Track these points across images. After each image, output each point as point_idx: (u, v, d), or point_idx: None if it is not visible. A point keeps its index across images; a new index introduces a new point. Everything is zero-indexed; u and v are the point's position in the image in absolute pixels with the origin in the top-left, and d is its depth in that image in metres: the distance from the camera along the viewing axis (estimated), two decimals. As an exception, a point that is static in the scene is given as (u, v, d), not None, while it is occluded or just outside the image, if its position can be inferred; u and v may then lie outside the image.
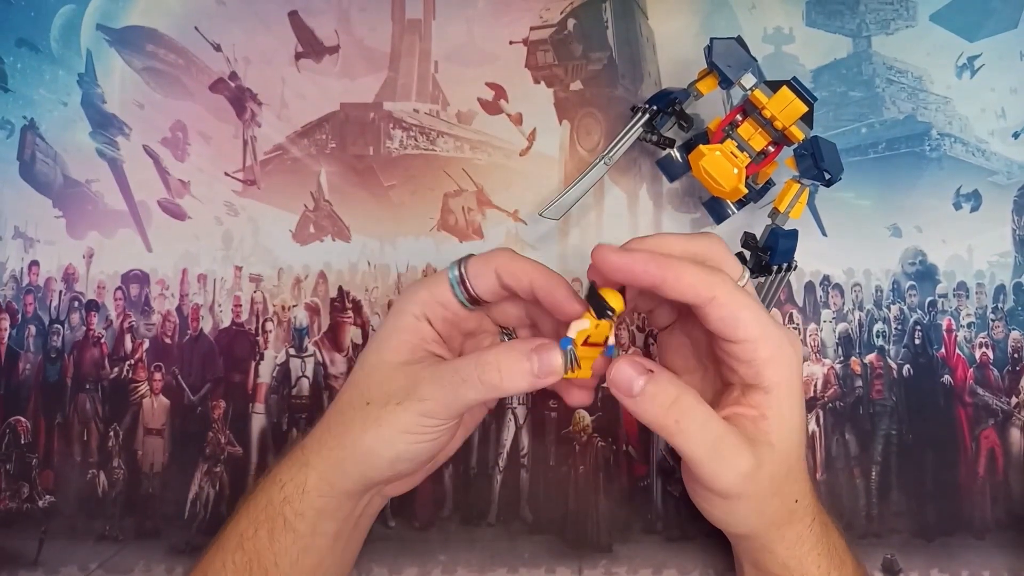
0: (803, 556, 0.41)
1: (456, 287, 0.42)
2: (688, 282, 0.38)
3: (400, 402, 0.40)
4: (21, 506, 0.52)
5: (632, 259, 0.38)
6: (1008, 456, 0.52)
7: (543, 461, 0.52)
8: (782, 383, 0.39)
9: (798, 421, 0.40)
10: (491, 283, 0.42)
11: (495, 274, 0.42)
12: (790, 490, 0.41)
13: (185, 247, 0.54)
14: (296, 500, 0.41)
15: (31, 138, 0.55)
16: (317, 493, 0.42)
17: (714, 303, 0.38)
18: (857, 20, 0.56)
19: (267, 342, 0.53)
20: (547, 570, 0.51)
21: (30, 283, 0.54)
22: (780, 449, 0.39)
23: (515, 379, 0.38)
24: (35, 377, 0.53)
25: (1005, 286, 0.54)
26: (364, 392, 0.42)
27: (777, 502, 0.40)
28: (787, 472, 0.40)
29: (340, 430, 0.42)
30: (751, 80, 0.45)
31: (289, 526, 0.41)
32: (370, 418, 0.41)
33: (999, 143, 0.55)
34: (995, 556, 0.51)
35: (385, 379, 0.41)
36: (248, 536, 0.41)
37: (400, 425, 0.40)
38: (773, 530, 0.41)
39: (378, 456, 0.41)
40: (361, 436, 0.41)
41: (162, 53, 0.56)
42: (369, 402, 0.41)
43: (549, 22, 0.56)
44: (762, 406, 0.39)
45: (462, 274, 0.42)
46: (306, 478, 0.42)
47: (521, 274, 0.41)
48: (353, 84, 0.56)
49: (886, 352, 0.53)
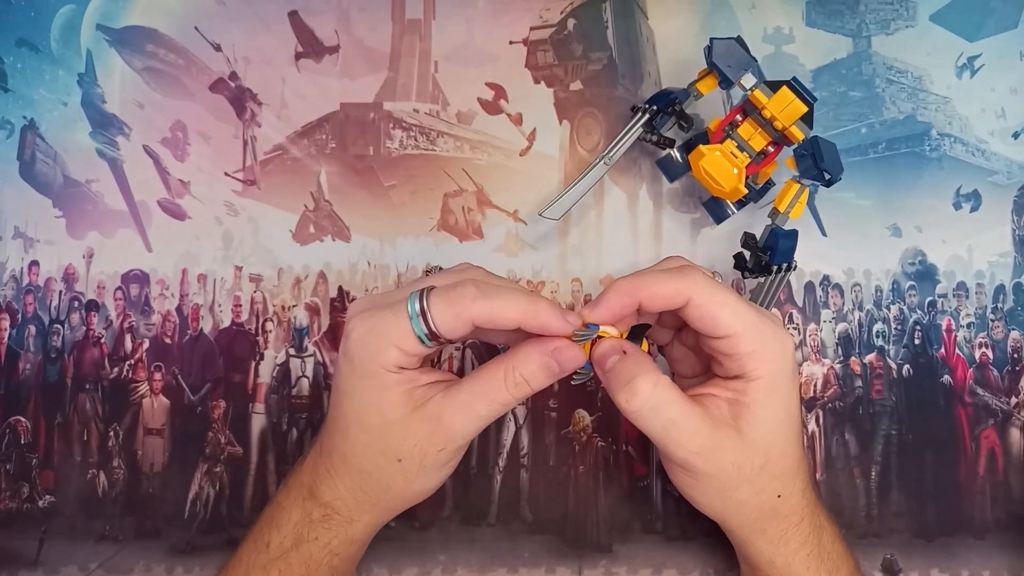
0: (789, 554, 0.42)
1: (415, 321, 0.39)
2: (662, 292, 0.39)
3: (441, 448, 0.41)
4: (21, 506, 0.52)
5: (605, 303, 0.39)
6: (1008, 456, 0.52)
7: (543, 461, 0.52)
8: (766, 376, 0.40)
9: (781, 415, 0.40)
10: (463, 328, 0.39)
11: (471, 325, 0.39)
12: (767, 484, 0.41)
13: (185, 247, 0.54)
14: (343, 551, 0.43)
15: (31, 138, 0.55)
16: (365, 538, 0.44)
17: (691, 305, 0.39)
18: (857, 20, 0.56)
19: (267, 342, 0.53)
20: (547, 570, 0.51)
21: (30, 283, 0.54)
22: (751, 439, 0.40)
23: (542, 384, 0.40)
24: (35, 377, 0.53)
25: (1005, 286, 0.54)
26: (387, 452, 0.41)
27: (747, 491, 0.40)
28: (762, 464, 0.40)
29: (379, 488, 0.42)
30: (751, 80, 0.45)
31: (334, 570, 0.43)
32: (412, 472, 0.41)
33: (999, 143, 0.55)
34: (995, 556, 0.51)
35: (405, 435, 0.40)
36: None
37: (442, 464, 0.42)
38: (750, 522, 0.42)
39: (427, 493, 0.43)
40: (408, 488, 0.42)
41: (162, 53, 0.56)
42: (401, 459, 0.41)
43: (549, 22, 0.56)
44: (740, 393, 0.40)
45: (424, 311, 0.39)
46: (354, 533, 0.43)
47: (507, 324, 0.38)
48: (353, 84, 0.56)
49: (886, 352, 0.53)
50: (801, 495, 0.42)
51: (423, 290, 0.39)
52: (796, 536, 0.42)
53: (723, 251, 0.53)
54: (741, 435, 0.39)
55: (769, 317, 0.41)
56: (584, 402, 0.52)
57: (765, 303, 0.48)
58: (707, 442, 0.39)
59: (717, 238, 0.54)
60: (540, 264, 0.54)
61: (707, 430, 0.39)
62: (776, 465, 0.41)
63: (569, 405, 0.52)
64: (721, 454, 0.39)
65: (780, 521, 0.42)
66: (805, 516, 0.42)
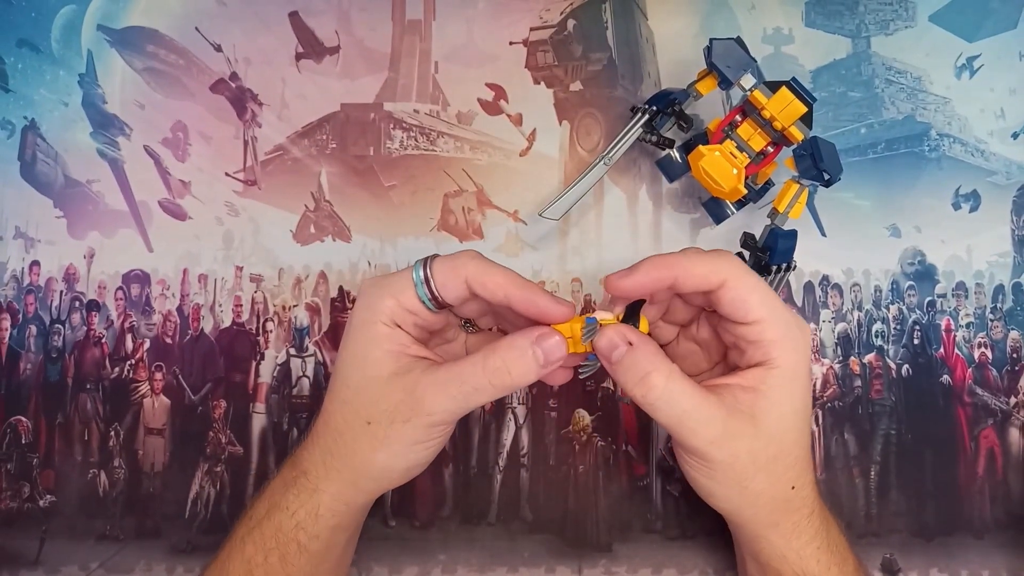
0: (801, 548, 0.41)
1: (420, 288, 0.41)
2: (699, 271, 0.39)
3: (407, 420, 0.40)
4: (22, 506, 0.52)
5: (639, 274, 0.40)
6: (1007, 456, 0.52)
7: (543, 461, 0.52)
8: (787, 365, 0.40)
9: (798, 405, 0.40)
10: (460, 291, 0.41)
11: (465, 285, 0.41)
12: (782, 473, 0.40)
13: (186, 247, 0.55)
14: (310, 525, 0.42)
15: (32, 138, 0.56)
16: (331, 514, 0.42)
17: (725, 287, 0.39)
18: (856, 21, 0.56)
19: (268, 342, 0.53)
20: (547, 569, 0.51)
21: (31, 283, 0.54)
22: (766, 427, 0.39)
23: (525, 374, 0.39)
24: (36, 377, 0.53)
25: (1004, 286, 0.54)
26: (360, 412, 0.41)
27: (763, 481, 0.40)
28: (776, 453, 0.40)
29: (345, 452, 0.41)
30: (750, 81, 0.46)
31: (303, 549, 0.42)
32: (377, 438, 0.40)
33: (998, 143, 0.55)
34: (994, 555, 0.51)
35: (379, 396, 0.40)
36: (258, 563, 0.41)
37: (410, 439, 0.40)
38: (765, 514, 0.41)
39: (392, 470, 0.42)
40: (372, 456, 0.41)
41: (163, 53, 0.56)
42: (370, 422, 0.40)
43: (549, 23, 0.56)
44: (759, 382, 0.40)
45: (428, 277, 0.41)
46: (318, 504, 0.42)
47: (495, 288, 0.40)
48: (353, 84, 0.56)
49: (885, 352, 0.53)
50: (812, 488, 0.42)
51: (428, 257, 0.41)
52: (808, 529, 0.41)
53: (723, 251, 0.53)
54: (756, 423, 0.39)
55: (791, 308, 0.41)
56: (584, 402, 0.53)
57: None
58: (722, 430, 0.39)
59: (716, 238, 0.54)
60: (540, 264, 0.54)
61: (721, 418, 0.39)
62: (789, 455, 0.40)
63: (569, 405, 0.53)
64: (736, 442, 0.39)
65: (793, 513, 0.41)
66: (815, 509, 0.42)
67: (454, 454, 0.52)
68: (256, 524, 0.42)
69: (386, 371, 0.41)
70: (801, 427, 0.41)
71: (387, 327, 0.41)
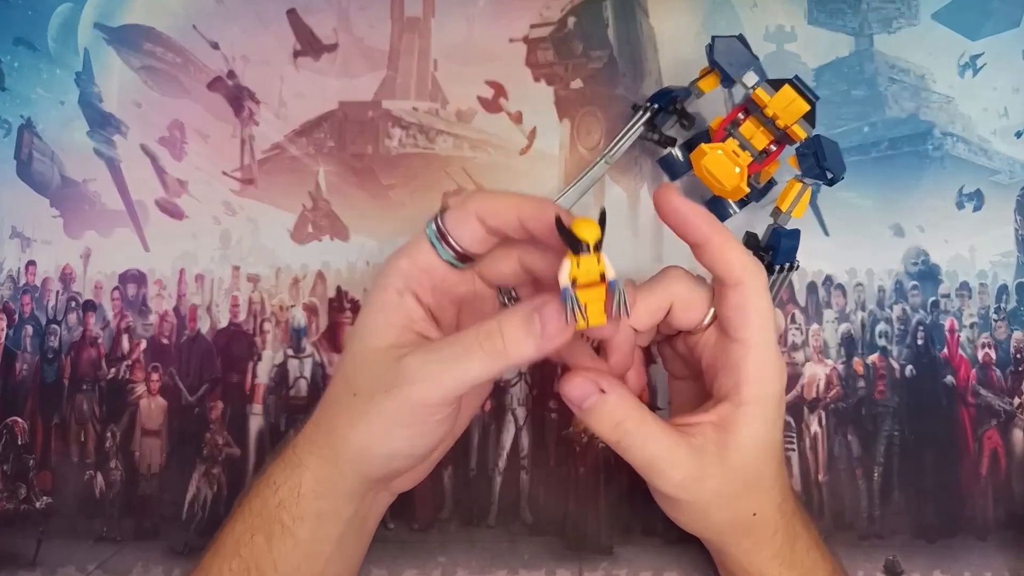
0: (761, 563, 0.42)
1: (437, 244, 0.38)
2: (730, 257, 0.38)
3: (389, 389, 0.36)
4: (19, 507, 0.52)
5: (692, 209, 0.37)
6: (1011, 457, 0.52)
7: (543, 462, 0.52)
8: (757, 401, 0.39)
9: (767, 440, 0.40)
10: (475, 231, 0.38)
11: (476, 220, 0.38)
12: (744, 506, 0.41)
13: (183, 247, 0.54)
14: (292, 504, 0.39)
15: (28, 137, 0.55)
16: (314, 496, 0.39)
17: (739, 288, 0.38)
18: (859, 19, 0.56)
19: (265, 342, 0.53)
20: (547, 572, 0.50)
21: (27, 283, 0.54)
22: (733, 464, 0.39)
23: (520, 345, 0.35)
24: (32, 378, 0.53)
25: (1008, 286, 0.53)
26: (351, 382, 0.38)
27: (726, 513, 0.40)
28: (740, 488, 0.40)
29: (328, 425, 0.39)
30: (753, 78, 0.45)
31: (287, 531, 0.39)
32: (358, 411, 0.37)
33: (1001, 142, 0.55)
34: (997, 557, 0.50)
35: (371, 366, 0.38)
36: (244, 542, 0.39)
37: (391, 417, 0.37)
38: (725, 538, 0.42)
39: (371, 454, 0.38)
40: (350, 432, 0.38)
41: (160, 52, 0.56)
42: (356, 393, 0.38)
43: (549, 20, 0.56)
44: (728, 419, 0.39)
45: (441, 229, 0.38)
46: (300, 481, 0.39)
47: (506, 210, 0.37)
48: (352, 83, 0.56)
49: (888, 352, 0.53)
50: (776, 510, 0.42)
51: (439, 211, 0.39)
52: (768, 547, 0.42)
53: (724, 251, 0.53)
54: (723, 462, 0.39)
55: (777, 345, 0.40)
56: (584, 403, 0.52)
57: None
58: (691, 474, 0.38)
59: (718, 238, 0.54)
60: (540, 264, 0.54)
61: (690, 462, 0.38)
62: (753, 488, 0.41)
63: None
64: (702, 484, 0.39)
65: (754, 535, 0.42)
66: (779, 528, 0.42)
67: (454, 456, 0.52)
68: (246, 500, 0.41)
69: (385, 342, 0.38)
70: (765, 460, 0.41)
71: (397, 294, 0.38)
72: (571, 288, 0.34)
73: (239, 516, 0.41)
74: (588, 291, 0.34)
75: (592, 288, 0.34)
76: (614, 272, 0.35)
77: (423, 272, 0.39)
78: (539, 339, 0.35)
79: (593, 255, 0.34)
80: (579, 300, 0.34)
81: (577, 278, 0.34)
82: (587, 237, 0.34)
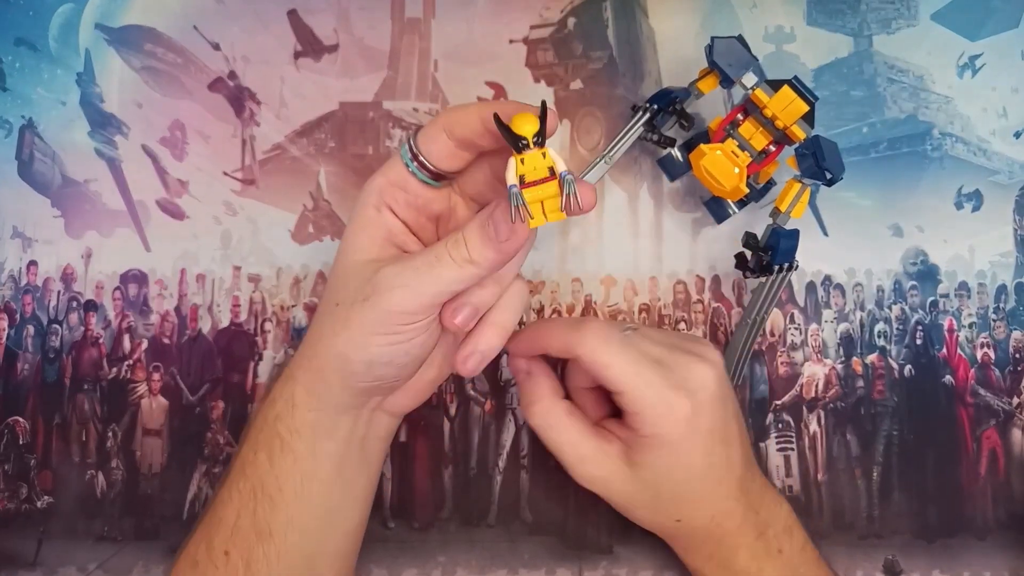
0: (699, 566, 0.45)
1: (411, 164, 0.39)
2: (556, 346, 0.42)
3: (367, 297, 0.37)
4: (20, 507, 0.52)
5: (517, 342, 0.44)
6: (1009, 457, 0.52)
7: (543, 462, 0.52)
8: (655, 436, 0.41)
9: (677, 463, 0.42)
10: (444, 145, 0.38)
11: (444, 133, 0.38)
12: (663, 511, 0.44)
13: (184, 247, 0.54)
14: (287, 416, 0.40)
15: (29, 137, 0.55)
16: (307, 408, 0.40)
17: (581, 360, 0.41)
18: (858, 19, 0.56)
19: (266, 342, 0.53)
20: (547, 571, 0.50)
21: (28, 283, 0.54)
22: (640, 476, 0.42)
23: (482, 249, 0.36)
24: (33, 377, 0.53)
25: (1007, 286, 0.53)
26: (335, 293, 0.40)
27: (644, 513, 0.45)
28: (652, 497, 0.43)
29: (314, 338, 0.40)
30: (752, 79, 0.45)
31: (287, 447, 0.40)
32: (339, 320, 0.38)
33: (1000, 143, 0.55)
34: (996, 557, 0.50)
35: (351, 278, 0.39)
36: (249, 461, 0.40)
37: (369, 324, 0.38)
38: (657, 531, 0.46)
39: (352, 361, 0.39)
40: (332, 341, 0.39)
41: (161, 52, 0.56)
42: (338, 303, 0.39)
43: (549, 21, 0.56)
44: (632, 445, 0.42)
45: (412, 148, 0.38)
46: (293, 392, 0.40)
47: (468, 117, 0.37)
48: (352, 83, 0.56)
49: (887, 352, 0.53)
50: (709, 520, 0.43)
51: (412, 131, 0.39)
52: (701, 551, 0.44)
53: (724, 251, 0.53)
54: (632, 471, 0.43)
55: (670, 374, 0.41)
56: (584, 402, 0.52)
57: (767, 304, 0.48)
58: (597, 472, 0.43)
59: (718, 238, 0.54)
60: (540, 264, 0.54)
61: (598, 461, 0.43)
62: (670, 500, 0.43)
63: (569, 405, 0.52)
64: (611, 483, 0.43)
65: (682, 538, 0.45)
66: (711, 537, 0.43)
67: (454, 455, 0.52)
68: (250, 427, 0.42)
69: (366, 256, 0.39)
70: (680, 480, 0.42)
71: (375, 210, 0.39)
72: (517, 186, 0.33)
73: (244, 438, 0.42)
74: (540, 188, 0.34)
75: (545, 185, 0.34)
76: (564, 164, 0.34)
77: (397, 188, 0.39)
78: (495, 242, 0.36)
79: (537, 151, 0.33)
80: (524, 198, 0.33)
81: (525, 175, 0.33)
82: (525, 132, 0.33)
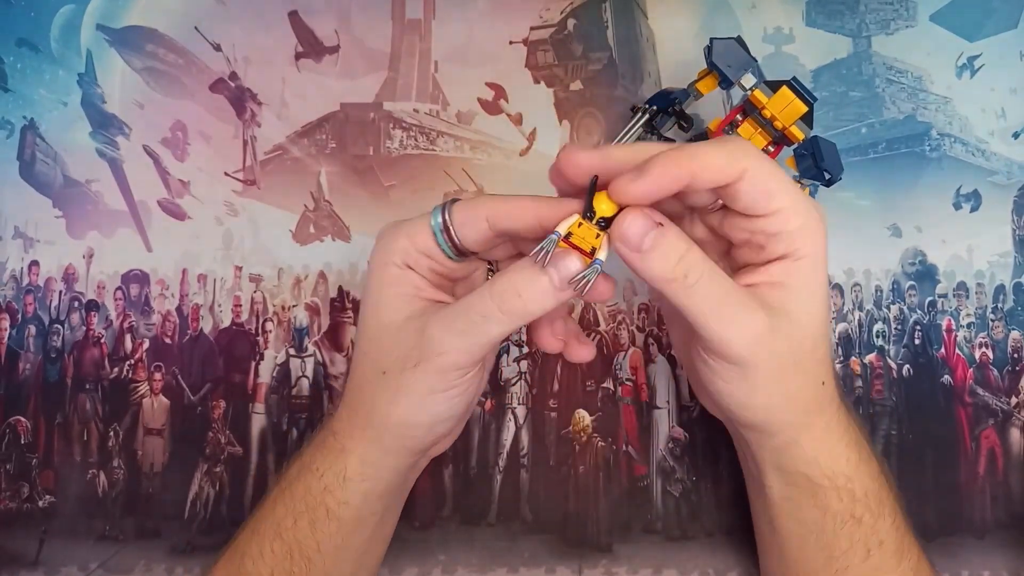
0: (831, 447, 0.39)
1: (440, 236, 0.38)
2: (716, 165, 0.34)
3: (417, 364, 0.37)
4: (21, 506, 0.52)
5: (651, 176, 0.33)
6: (1008, 456, 0.52)
7: (543, 461, 0.52)
8: (811, 254, 0.36)
9: (824, 294, 0.37)
10: (481, 232, 0.38)
11: (485, 222, 0.37)
12: (815, 369, 0.38)
13: (185, 247, 0.54)
14: (337, 489, 0.40)
15: (31, 138, 0.55)
16: (360, 478, 0.40)
17: (746, 177, 0.34)
18: (857, 20, 0.56)
19: (267, 342, 0.53)
20: (547, 570, 0.51)
21: (30, 283, 0.54)
22: (801, 321, 0.36)
23: (538, 297, 0.35)
24: (35, 377, 0.53)
25: (1005, 286, 0.54)
26: (376, 362, 0.39)
27: (801, 380, 0.37)
28: (811, 347, 0.37)
29: (365, 409, 0.39)
30: (751, 80, 0.45)
31: (332, 515, 0.40)
32: (391, 388, 0.38)
33: (999, 143, 0.55)
34: (995, 556, 0.51)
35: (393, 343, 0.38)
36: (287, 527, 0.40)
37: (425, 388, 0.38)
38: (800, 416, 0.38)
39: (414, 425, 0.39)
40: (389, 410, 0.38)
41: (162, 53, 0.56)
42: (385, 371, 0.38)
43: (549, 22, 0.56)
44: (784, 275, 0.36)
45: (446, 222, 0.38)
46: (345, 466, 0.40)
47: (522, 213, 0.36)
48: (353, 84, 0.56)
49: (886, 352, 0.53)
50: (834, 381, 0.39)
51: (447, 201, 0.39)
52: (837, 427, 0.39)
53: (723, 251, 0.53)
54: (790, 319, 0.36)
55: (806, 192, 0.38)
56: (584, 402, 0.52)
57: None
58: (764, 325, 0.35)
59: (717, 238, 0.54)
60: (540, 264, 0.54)
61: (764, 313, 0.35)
62: (819, 348, 0.38)
63: (569, 405, 0.52)
64: (777, 340, 0.36)
65: (824, 411, 0.39)
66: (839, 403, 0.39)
67: (454, 454, 0.52)
68: (287, 485, 0.41)
69: (400, 316, 0.38)
70: (826, 317, 0.38)
71: (399, 268, 0.39)
72: (560, 236, 0.34)
73: (280, 500, 0.41)
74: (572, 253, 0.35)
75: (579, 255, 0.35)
76: (605, 256, 0.35)
77: (422, 254, 0.39)
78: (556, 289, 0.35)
79: (594, 227, 0.35)
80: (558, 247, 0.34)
81: (572, 234, 0.34)
82: (602, 210, 0.34)
